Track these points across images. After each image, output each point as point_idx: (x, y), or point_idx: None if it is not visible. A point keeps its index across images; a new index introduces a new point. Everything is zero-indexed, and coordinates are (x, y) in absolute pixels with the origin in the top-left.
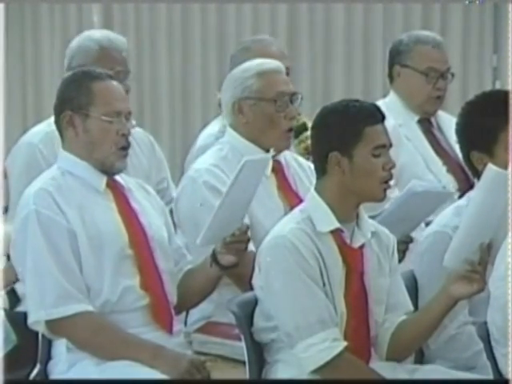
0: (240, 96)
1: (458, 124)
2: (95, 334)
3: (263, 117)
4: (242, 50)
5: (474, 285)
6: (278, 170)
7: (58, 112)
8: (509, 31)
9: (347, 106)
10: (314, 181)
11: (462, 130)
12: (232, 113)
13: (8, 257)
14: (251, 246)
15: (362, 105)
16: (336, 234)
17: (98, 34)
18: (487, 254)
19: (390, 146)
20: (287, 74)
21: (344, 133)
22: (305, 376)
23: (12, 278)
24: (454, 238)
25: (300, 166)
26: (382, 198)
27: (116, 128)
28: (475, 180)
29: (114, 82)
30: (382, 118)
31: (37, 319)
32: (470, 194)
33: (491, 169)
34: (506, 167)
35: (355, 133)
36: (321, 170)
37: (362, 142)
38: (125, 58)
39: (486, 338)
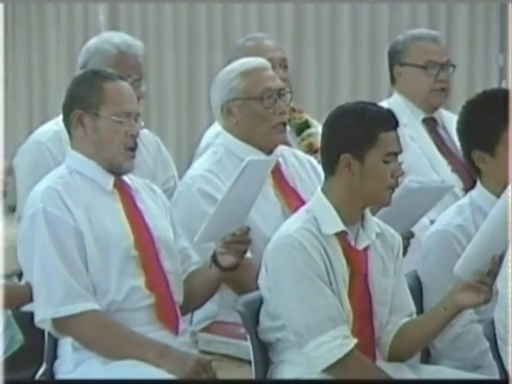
0: (227, 98)
1: (459, 122)
2: (101, 333)
3: (252, 115)
4: (236, 51)
5: (481, 295)
6: (275, 168)
7: (68, 110)
8: (509, 31)
9: (365, 109)
10: (313, 176)
11: (464, 129)
12: (222, 115)
13: (19, 276)
14: (248, 253)
15: (379, 110)
16: (341, 236)
17: (116, 38)
18: (498, 266)
19: (401, 152)
20: (285, 65)
21: (359, 136)
22: (311, 376)
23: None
24: (468, 248)
25: (299, 162)
26: (386, 203)
27: (125, 129)
28: (477, 179)
29: (124, 83)
30: (396, 124)
31: (44, 317)
32: (472, 192)
33: None
34: (507, 167)
35: (370, 137)
36: (329, 170)
37: (375, 147)
38: (140, 64)
39: (492, 337)
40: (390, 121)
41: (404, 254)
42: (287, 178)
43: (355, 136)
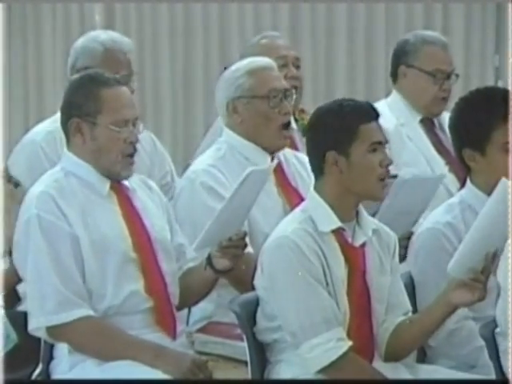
0: (233, 96)
1: (451, 119)
2: (96, 338)
3: (257, 114)
4: (249, 48)
5: (475, 293)
6: (277, 167)
7: (66, 117)
8: (509, 31)
9: (341, 106)
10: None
11: (455, 126)
12: (227, 113)
13: (11, 254)
14: (249, 247)
15: (356, 103)
16: (337, 233)
17: (103, 35)
18: (492, 264)
19: (386, 142)
20: (298, 65)
21: (340, 132)
22: (307, 376)
23: (14, 280)
24: (461, 245)
25: (300, 163)
26: (380, 197)
27: (124, 136)
28: (467, 177)
29: (122, 88)
30: (376, 115)
31: (37, 326)
32: (462, 191)
33: (504, 182)
34: (497, 166)
35: (351, 131)
36: (318, 171)
37: (358, 139)
38: (129, 60)
39: (489, 336)
40: (368, 112)
41: (405, 254)
42: (289, 177)
43: (336, 132)
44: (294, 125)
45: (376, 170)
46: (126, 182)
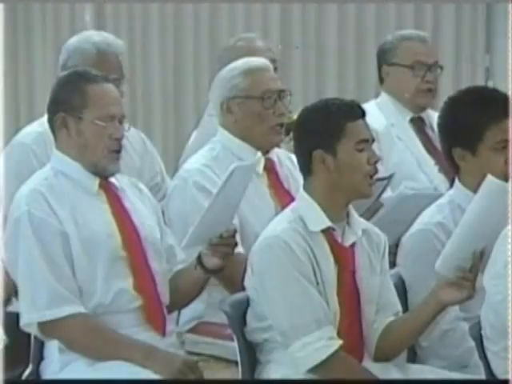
0: (228, 95)
1: (440, 118)
2: (87, 336)
3: (252, 114)
4: (227, 50)
5: (464, 292)
6: (270, 168)
7: (52, 112)
8: (508, 31)
9: (327, 104)
10: None
11: (445, 126)
12: (221, 112)
13: None
14: (240, 248)
15: (341, 102)
16: (327, 232)
17: (96, 36)
18: (479, 261)
19: (373, 140)
20: (275, 67)
21: (326, 130)
22: (298, 376)
23: (10, 291)
24: (448, 244)
25: (293, 164)
26: (368, 194)
27: (109, 132)
28: (456, 177)
29: (109, 85)
30: (363, 113)
31: (29, 321)
32: (451, 191)
33: (490, 180)
34: (488, 166)
35: (337, 129)
36: (307, 170)
37: (344, 137)
38: (120, 63)
39: (478, 336)
40: (354, 110)
41: (394, 261)
42: (282, 179)
43: (323, 131)
44: None
45: (364, 167)
46: (115, 181)
